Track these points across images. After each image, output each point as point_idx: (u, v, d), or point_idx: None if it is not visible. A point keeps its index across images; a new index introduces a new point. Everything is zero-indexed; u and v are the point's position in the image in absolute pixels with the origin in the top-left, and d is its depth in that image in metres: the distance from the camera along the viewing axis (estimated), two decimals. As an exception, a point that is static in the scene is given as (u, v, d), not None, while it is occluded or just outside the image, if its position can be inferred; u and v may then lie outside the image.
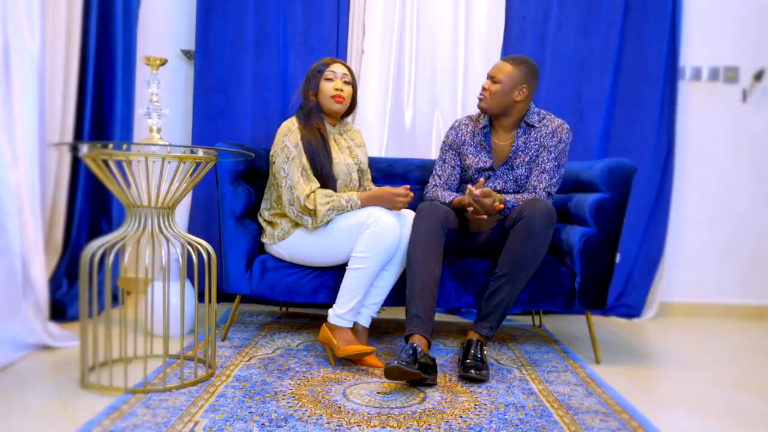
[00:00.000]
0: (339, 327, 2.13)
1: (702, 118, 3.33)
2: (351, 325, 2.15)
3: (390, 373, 1.83)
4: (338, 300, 2.14)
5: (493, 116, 2.41)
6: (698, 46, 3.31)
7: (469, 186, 2.16)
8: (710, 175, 3.35)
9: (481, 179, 2.18)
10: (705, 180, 3.36)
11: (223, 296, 3.10)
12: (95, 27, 2.74)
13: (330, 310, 2.15)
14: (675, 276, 3.37)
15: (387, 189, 2.19)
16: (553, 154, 2.34)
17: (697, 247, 3.37)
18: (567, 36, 3.16)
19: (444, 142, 2.53)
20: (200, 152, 1.88)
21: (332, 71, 2.31)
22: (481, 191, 2.12)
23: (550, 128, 2.37)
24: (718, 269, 3.37)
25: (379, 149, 3.13)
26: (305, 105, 2.33)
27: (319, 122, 2.30)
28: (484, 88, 2.36)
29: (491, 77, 2.35)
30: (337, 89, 2.30)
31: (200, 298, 2.98)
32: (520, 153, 2.38)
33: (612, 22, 3.16)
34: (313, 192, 2.17)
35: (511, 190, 2.38)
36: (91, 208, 2.83)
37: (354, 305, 2.11)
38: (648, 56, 3.20)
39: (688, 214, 3.36)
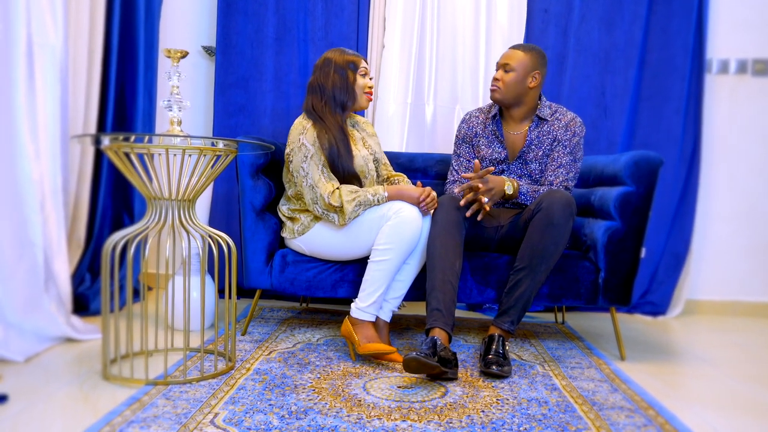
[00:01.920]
0: (361, 321, 2.11)
1: (730, 112, 3.26)
2: (373, 319, 2.13)
3: (408, 365, 1.81)
4: (360, 294, 2.13)
5: (506, 107, 2.39)
6: (725, 38, 3.23)
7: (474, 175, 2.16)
8: (738, 170, 3.28)
9: (476, 161, 2.17)
10: (733, 175, 3.28)
11: (243, 292, 3.11)
12: (118, 23, 2.76)
13: (352, 304, 2.13)
14: (701, 273, 3.30)
15: (416, 191, 2.15)
16: (568, 149, 2.31)
17: (725, 243, 3.30)
18: (590, 29, 3.12)
19: (457, 136, 2.51)
20: (220, 144, 1.87)
21: (364, 67, 2.30)
22: (479, 175, 2.12)
23: (563, 122, 2.35)
24: (746, 266, 3.29)
25: (400, 144, 3.11)
26: (341, 100, 2.25)
27: (340, 118, 2.26)
28: (496, 79, 2.34)
29: (503, 66, 2.33)
30: (369, 86, 2.31)
31: (220, 294, 2.99)
32: (533, 147, 2.35)
33: (637, 15, 3.10)
34: (337, 189, 2.14)
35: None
36: (113, 203, 2.85)
37: (376, 298, 2.09)
38: (674, 49, 3.14)
39: (715, 210, 3.29)
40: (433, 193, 2.16)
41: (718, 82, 3.26)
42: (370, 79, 2.34)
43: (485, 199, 2.13)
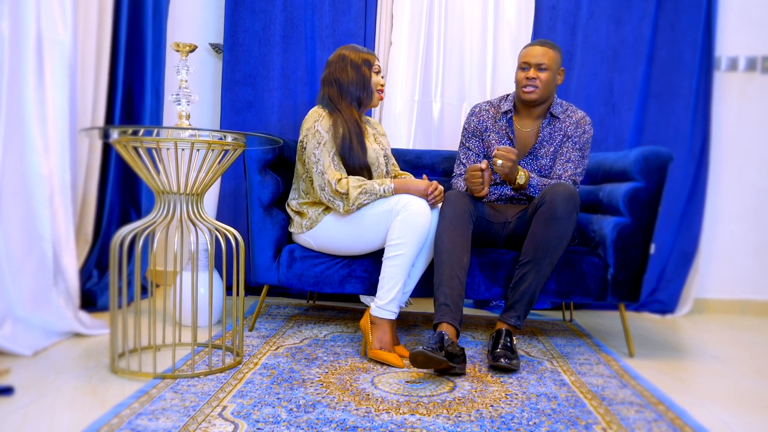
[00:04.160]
0: (380, 320, 2.08)
1: (739, 110, 3.24)
2: (393, 317, 2.09)
3: (415, 359, 1.80)
4: (379, 292, 2.10)
5: (534, 105, 2.38)
6: (735, 35, 3.22)
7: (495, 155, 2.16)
8: (748, 167, 3.26)
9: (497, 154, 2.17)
10: (742, 173, 3.26)
11: (250, 289, 3.11)
12: (126, 20, 2.76)
13: (372, 303, 2.12)
14: (710, 271, 3.28)
15: (422, 182, 2.14)
16: (577, 145, 2.33)
17: (734, 241, 3.28)
18: (599, 26, 3.10)
19: (466, 129, 2.49)
20: (229, 138, 1.87)
21: (378, 65, 2.31)
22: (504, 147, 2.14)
23: (573, 119, 2.36)
24: (755, 265, 3.27)
25: (407, 141, 3.11)
26: (357, 95, 2.26)
27: (356, 112, 2.26)
28: (531, 78, 2.30)
29: (537, 65, 2.29)
30: (382, 84, 2.32)
31: (228, 291, 2.99)
32: (545, 144, 2.36)
33: (645, 12, 3.09)
34: (345, 177, 2.15)
35: None
36: (120, 199, 2.86)
37: (395, 294, 2.07)
38: (682, 46, 3.13)
39: (725, 208, 3.27)
40: (441, 187, 2.15)
41: (727, 80, 3.24)
42: (382, 77, 2.34)
43: (498, 162, 2.12)
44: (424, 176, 2.24)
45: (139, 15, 2.84)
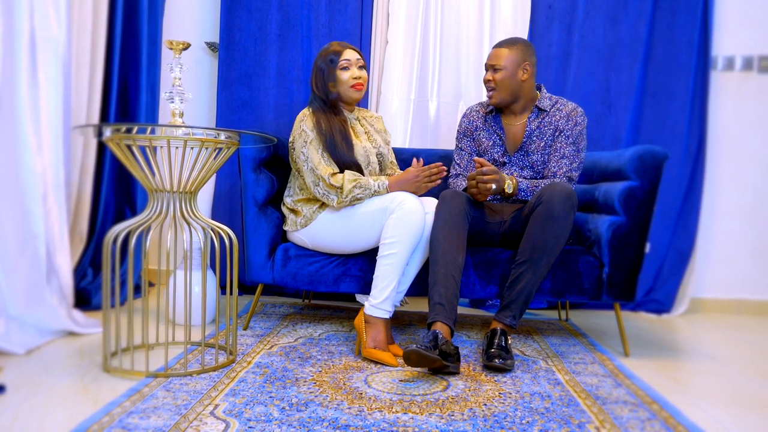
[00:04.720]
0: (374, 319, 2.07)
1: (735, 109, 3.24)
2: (388, 316, 2.08)
3: (408, 358, 1.79)
4: (373, 291, 2.09)
5: (506, 106, 2.38)
6: (731, 35, 3.22)
7: (476, 159, 2.18)
8: (745, 167, 3.26)
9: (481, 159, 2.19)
10: (738, 172, 3.26)
11: (245, 288, 3.10)
12: (121, 18, 2.76)
13: (366, 302, 2.11)
14: (707, 271, 3.27)
15: (411, 171, 2.14)
16: (570, 139, 2.31)
17: (731, 241, 3.27)
18: (595, 25, 3.10)
19: (458, 130, 2.52)
20: (222, 136, 1.87)
21: (347, 59, 2.27)
22: (487, 169, 2.13)
23: (564, 112, 2.35)
24: (752, 264, 3.27)
25: (403, 140, 3.10)
26: (323, 96, 2.28)
27: (336, 110, 2.28)
28: (487, 80, 2.34)
29: (491, 66, 2.33)
30: (355, 78, 2.27)
31: (222, 290, 2.98)
32: (534, 138, 2.35)
33: (641, 11, 3.09)
34: (339, 173, 2.15)
35: (528, 177, 2.34)
36: (116, 198, 2.85)
37: (389, 293, 2.06)
38: (679, 46, 3.12)
39: (721, 207, 3.27)
40: (434, 168, 2.13)
41: (724, 79, 3.24)
42: (361, 68, 2.29)
43: (493, 186, 2.14)
44: (415, 160, 2.19)
45: (135, 12, 2.83)
